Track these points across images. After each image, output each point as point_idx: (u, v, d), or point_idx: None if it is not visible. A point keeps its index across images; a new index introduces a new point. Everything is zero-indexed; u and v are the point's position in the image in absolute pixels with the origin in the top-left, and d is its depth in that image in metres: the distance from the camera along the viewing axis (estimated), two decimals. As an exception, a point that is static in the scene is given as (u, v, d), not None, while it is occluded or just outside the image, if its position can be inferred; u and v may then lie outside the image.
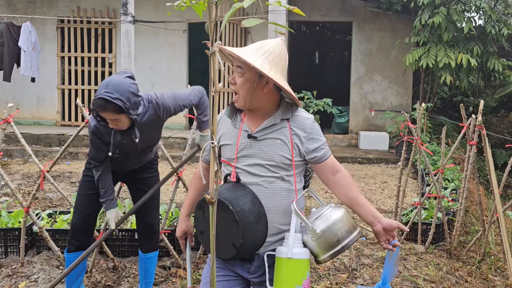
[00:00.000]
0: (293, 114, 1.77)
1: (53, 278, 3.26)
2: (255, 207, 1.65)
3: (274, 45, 1.71)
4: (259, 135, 1.73)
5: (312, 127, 1.77)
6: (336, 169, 1.78)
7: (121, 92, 2.22)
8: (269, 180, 1.72)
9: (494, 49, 8.10)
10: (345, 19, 9.77)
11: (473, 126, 3.69)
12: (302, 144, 1.75)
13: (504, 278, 3.61)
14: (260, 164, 1.72)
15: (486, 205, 5.34)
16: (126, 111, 2.25)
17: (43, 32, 9.87)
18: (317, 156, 1.76)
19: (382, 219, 1.74)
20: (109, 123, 2.34)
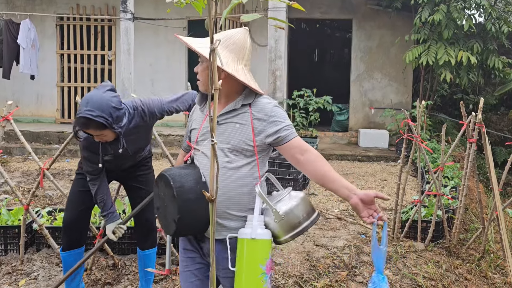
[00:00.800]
0: (255, 99, 1.79)
1: (53, 275, 3.26)
2: (198, 186, 1.70)
3: (231, 34, 1.76)
4: (220, 119, 1.77)
5: (273, 111, 1.77)
6: (304, 149, 1.75)
7: (102, 108, 2.21)
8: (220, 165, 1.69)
9: (494, 47, 8.09)
10: (345, 16, 9.76)
11: (473, 124, 3.68)
12: (263, 128, 1.75)
13: (504, 276, 3.62)
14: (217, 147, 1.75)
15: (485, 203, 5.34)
16: (110, 126, 2.25)
17: (42, 29, 9.85)
18: (281, 136, 1.75)
19: (357, 191, 1.67)
20: (95, 137, 2.35)
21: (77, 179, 2.77)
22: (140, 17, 9.09)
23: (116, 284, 3.18)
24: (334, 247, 3.75)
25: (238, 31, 1.76)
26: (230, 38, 1.74)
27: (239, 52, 1.75)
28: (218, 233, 1.73)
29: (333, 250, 3.71)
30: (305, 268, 3.39)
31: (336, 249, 3.73)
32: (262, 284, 1.64)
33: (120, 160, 2.66)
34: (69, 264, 2.76)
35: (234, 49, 1.74)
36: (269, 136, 1.75)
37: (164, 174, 1.74)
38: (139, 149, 2.69)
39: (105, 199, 2.62)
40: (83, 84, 9.95)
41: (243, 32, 1.77)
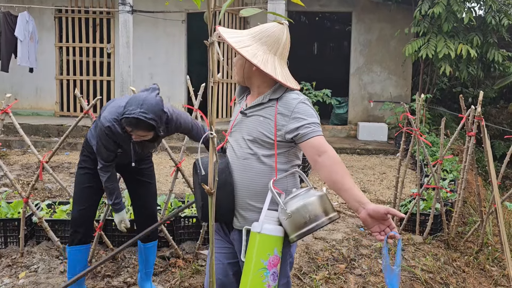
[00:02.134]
0: (283, 94, 1.80)
1: (52, 268, 3.28)
2: (222, 175, 1.76)
3: (267, 26, 1.78)
4: (248, 112, 1.84)
5: (298, 107, 1.76)
6: (322, 150, 1.70)
7: (155, 112, 2.31)
8: (243, 156, 1.80)
9: (494, 40, 8.07)
10: (345, 9, 9.71)
11: (472, 117, 3.69)
12: (285, 123, 1.76)
13: (501, 269, 3.64)
14: (241, 138, 1.83)
15: (484, 196, 5.36)
16: (157, 129, 2.36)
17: (41, 22, 9.81)
18: (300, 134, 1.73)
19: (368, 205, 1.58)
20: (134, 136, 2.42)
21: (80, 175, 2.77)
22: (139, 10, 9.04)
23: (116, 277, 3.20)
24: (333, 240, 3.77)
25: (275, 25, 1.77)
26: (265, 31, 1.76)
27: (273, 45, 1.76)
28: (238, 224, 1.81)
29: (332, 243, 3.72)
30: (304, 261, 3.40)
31: (335, 242, 3.74)
32: (261, 279, 1.65)
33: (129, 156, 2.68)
34: (75, 259, 2.76)
35: (267, 42, 1.75)
36: (289, 132, 1.75)
37: (195, 162, 1.84)
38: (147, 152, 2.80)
39: (115, 187, 2.67)
40: (82, 77, 9.92)
41: (281, 26, 1.77)
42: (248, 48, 1.72)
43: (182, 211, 3.85)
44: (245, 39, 1.74)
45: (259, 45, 1.74)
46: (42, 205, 3.92)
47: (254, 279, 1.65)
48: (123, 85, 8.53)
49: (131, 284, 3.11)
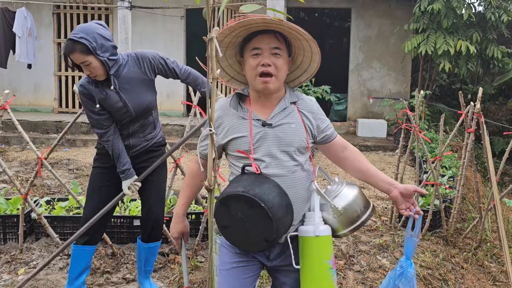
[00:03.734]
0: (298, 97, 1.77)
1: (52, 264, 3.27)
2: (283, 200, 1.61)
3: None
4: (274, 122, 1.68)
5: (318, 108, 1.78)
6: (345, 146, 1.80)
7: (86, 32, 2.27)
8: (291, 169, 1.69)
9: (493, 36, 8.06)
10: (344, 5, 9.69)
11: (471, 113, 3.68)
12: (312, 126, 1.74)
13: (500, 265, 3.65)
14: (279, 151, 1.67)
15: (483, 192, 5.37)
16: (93, 51, 2.27)
17: (39, 18, 9.77)
18: (327, 135, 1.77)
19: (398, 185, 1.73)
20: (84, 70, 2.36)
21: (95, 174, 2.69)
22: (138, 6, 9.01)
23: (115, 273, 3.20)
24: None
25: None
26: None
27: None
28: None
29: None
30: (303, 257, 3.41)
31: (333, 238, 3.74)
32: (330, 279, 1.65)
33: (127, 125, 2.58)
34: (77, 259, 2.68)
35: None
36: (318, 134, 1.76)
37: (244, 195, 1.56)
38: (143, 113, 2.57)
39: (120, 155, 2.56)
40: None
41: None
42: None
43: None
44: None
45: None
46: (41, 201, 3.92)
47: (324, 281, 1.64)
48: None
49: (130, 280, 3.11)
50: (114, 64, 2.40)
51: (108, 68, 2.36)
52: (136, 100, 2.52)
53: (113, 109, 2.49)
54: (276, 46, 1.65)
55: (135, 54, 2.50)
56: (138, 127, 2.63)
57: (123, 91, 2.47)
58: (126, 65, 2.46)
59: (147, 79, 2.54)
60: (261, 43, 1.65)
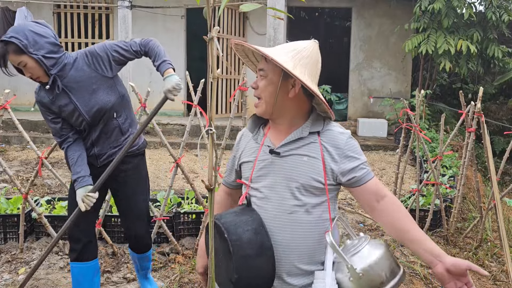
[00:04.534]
0: (325, 127, 1.49)
1: (52, 264, 3.28)
2: (257, 238, 1.39)
3: (304, 45, 1.48)
4: (282, 150, 1.47)
5: (348, 143, 1.47)
6: (381, 195, 1.45)
7: (17, 31, 2.10)
8: (289, 209, 1.44)
9: (494, 36, 8.05)
10: (345, 4, 9.69)
11: (472, 113, 3.68)
12: (335, 163, 1.45)
13: (500, 264, 3.65)
14: (280, 186, 1.46)
15: (483, 192, 5.36)
16: (25, 50, 2.09)
17: (39, 17, 9.75)
18: (356, 177, 1.45)
19: (445, 258, 1.34)
20: (24, 73, 2.19)
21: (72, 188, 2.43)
22: (138, 5, 9.01)
23: (115, 272, 3.20)
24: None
25: (310, 44, 1.50)
26: (302, 50, 1.46)
27: (312, 68, 1.47)
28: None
29: (331, 238, 3.72)
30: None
31: (334, 237, 3.74)
32: None
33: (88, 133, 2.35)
34: (75, 276, 2.50)
35: (307, 64, 1.45)
36: (342, 175, 1.45)
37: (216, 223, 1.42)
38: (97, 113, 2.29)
39: (75, 160, 2.28)
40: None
41: (316, 46, 1.51)
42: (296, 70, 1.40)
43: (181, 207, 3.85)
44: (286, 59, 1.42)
45: (302, 67, 1.43)
46: (41, 201, 3.92)
47: None
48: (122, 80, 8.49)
49: (130, 279, 3.11)
50: (55, 63, 2.18)
51: (45, 67, 2.16)
52: (87, 101, 2.27)
53: (65, 113, 2.28)
54: (261, 67, 1.49)
55: (84, 51, 2.28)
56: (100, 134, 2.37)
57: (72, 91, 2.25)
58: (75, 64, 2.24)
59: (101, 77, 2.28)
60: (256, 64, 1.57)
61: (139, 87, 3.44)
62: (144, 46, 2.37)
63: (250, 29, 9.80)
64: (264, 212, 1.46)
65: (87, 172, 2.30)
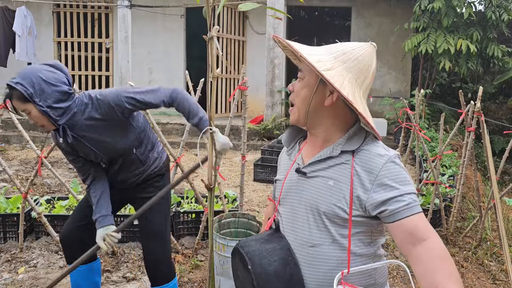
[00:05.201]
0: (363, 146, 1.24)
1: (52, 263, 3.28)
2: (286, 270, 1.20)
3: (354, 46, 1.27)
4: (309, 170, 1.27)
5: (386, 168, 1.19)
6: (420, 237, 1.13)
7: (24, 77, 1.93)
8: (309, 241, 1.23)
9: (494, 35, 8.05)
10: (344, 4, 9.69)
11: (471, 112, 3.68)
12: (365, 192, 1.19)
13: (500, 264, 3.65)
14: (303, 211, 1.26)
15: (483, 191, 5.37)
16: (30, 99, 1.92)
17: (39, 17, 9.76)
18: (388, 211, 1.16)
19: None
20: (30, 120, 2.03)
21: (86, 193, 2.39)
22: (138, 4, 9.00)
23: (115, 272, 3.20)
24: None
25: (363, 45, 1.29)
26: (350, 51, 1.26)
27: (360, 74, 1.24)
28: None
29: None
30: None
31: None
32: None
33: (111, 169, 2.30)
34: (73, 280, 2.45)
35: (353, 68, 1.24)
36: (372, 207, 1.18)
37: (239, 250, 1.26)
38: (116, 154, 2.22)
39: (97, 198, 2.22)
40: (80, 72, 9.89)
41: (371, 49, 1.30)
42: (332, 72, 1.19)
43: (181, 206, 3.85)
44: (324, 59, 1.22)
45: (344, 71, 1.21)
46: (41, 200, 3.92)
47: None
48: (121, 80, 8.51)
49: (130, 279, 3.11)
50: (63, 112, 2.00)
51: (53, 119, 1.98)
52: (104, 147, 2.17)
53: (83, 154, 2.20)
54: (300, 67, 1.30)
55: (97, 99, 2.07)
56: (120, 166, 2.29)
57: (85, 139, 2.11)
58: (86, 111, 2.06)
59: (115, 122, 2.13)
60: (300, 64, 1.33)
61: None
62: (172, 100, 2.17)
63: (249, 28, 9.80)
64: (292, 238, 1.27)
65: (109, 211, 2.23)
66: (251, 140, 7.98)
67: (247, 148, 5.61)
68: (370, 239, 1.24)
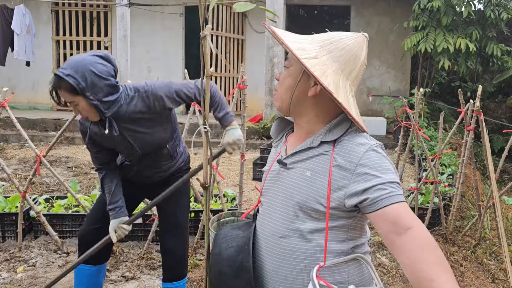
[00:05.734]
0: (344, 136, 1.19)
1: (51, 262, 3.27)
2: (238, 257, 1.23)
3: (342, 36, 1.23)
4: (289, 161, 1.25)
5: (366, 157, 1.14)
6: (404, 225, 1.07)
7: (76, 69, 1.88)
8: (279, 232, 1.21)
9: (493, 34, 8.05)
10: (344, 3, 9.68)
11: (470, 111, 3.68)
12: (345, 182, 1.14)
13: (499, 263, 3.65)
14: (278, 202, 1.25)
15: (482, 190, 5.37)
16: (81, 92, 1.89)
17: (37, 15, 9.75)
18: (369, 199, 1.11)
19: None
20: (73, 110, 2.02)
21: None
22: (136, 3, 8.99)
23: (114, 271, 3.20)
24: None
25: (353, 35, 1.25)
26: (337, 41, 1.21)
27: (347, 64, 1.19)
28: None
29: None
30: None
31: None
32: None
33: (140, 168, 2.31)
34: (78, 279, 2.43)
35: (339, 57, 1.19)
36: (351, 196, 1.13)
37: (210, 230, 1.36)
38: (153, 149, 2.24)
39: (112, 189, 2.22)
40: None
41: (361, 39, 1.26)
42: (314, 61, 1.15)
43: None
44: (308, 48, 1.18)
45: (329, 60, 1.17)
46: (39, 199, 3.91)
47: None
48: (120, 78, 8.49)
49: (129, 278, 3.11)
50: (111, 105, 2.00)
51: (101, 112, 1.98)
52: (143, 140, 2.17)
53: (116, 146, 2.20)
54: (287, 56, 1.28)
55: (145, 89, 2.07)
56: (149, 162, 2.30)
57: (127, 132, 2.11)
58: (131, 104, 2.06)
59: (158, 116, 2.15)
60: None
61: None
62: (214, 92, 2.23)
63: (249, 27, 9.79)
64: (261, 230, 1.27)
65: (123, 203, 2.25)
66: (250, 139, 7.98)
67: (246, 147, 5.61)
68: (346, 235, 1.20)
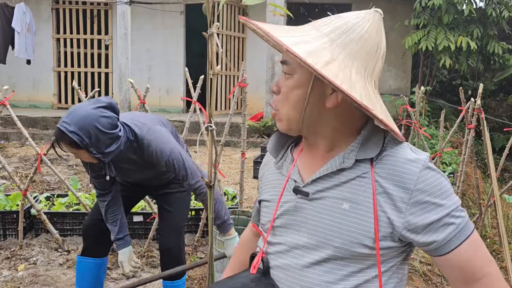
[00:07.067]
0: (384, 151, 0.92)
1: (52, 260, 3.28)
2: None
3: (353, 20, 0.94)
4: (312, 190, 0.95)
5: (423, 180, 0.89)
6: (475, 273, 0.90)
7: (80, 126, 1.83)
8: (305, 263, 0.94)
9: (494, 32, 8.04)
10: (345, 1, 9.67)
11: (471, 109, 3.67)
12: (399, 214, 0.88)
13: (500, 261, 3.65)
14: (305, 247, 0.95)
15: (483, 188, 5.37)
16: (85, 148, 1.87)
17: (38, 13, 9.73)
18: (436, 242, 0.88)
19: None
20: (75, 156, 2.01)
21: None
22: (137, 1, 8.97)
23: (114, 269, 3.20)
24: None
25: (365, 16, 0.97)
26: (352, 29, 0.92)
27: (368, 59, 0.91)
28: None
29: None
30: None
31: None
32: None
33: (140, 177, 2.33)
34: (80, 271, 2.47)
35: (358, 52, 0.90)
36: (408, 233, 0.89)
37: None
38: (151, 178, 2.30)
39: (118, 220, 2.24)
40: (79, 69, 9.88)
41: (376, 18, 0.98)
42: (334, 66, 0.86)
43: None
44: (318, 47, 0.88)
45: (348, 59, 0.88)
46: (40, 197, 3.92)
47: None
48: (121, 77, 8.49)
49: (129, 276, 3.11)
50: (111, 153, 1.98)
51: (101, 160, 1.98)
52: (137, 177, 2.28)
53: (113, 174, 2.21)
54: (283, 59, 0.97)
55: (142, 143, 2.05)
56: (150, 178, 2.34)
57: (123, 171, 2.17)
58: (130, 147, 2.07)
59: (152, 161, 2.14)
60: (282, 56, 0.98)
61: (138, 83, 3.43)
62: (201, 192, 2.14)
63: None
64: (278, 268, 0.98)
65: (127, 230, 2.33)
66: (251, 137, 7.97)
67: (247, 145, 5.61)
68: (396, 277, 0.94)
